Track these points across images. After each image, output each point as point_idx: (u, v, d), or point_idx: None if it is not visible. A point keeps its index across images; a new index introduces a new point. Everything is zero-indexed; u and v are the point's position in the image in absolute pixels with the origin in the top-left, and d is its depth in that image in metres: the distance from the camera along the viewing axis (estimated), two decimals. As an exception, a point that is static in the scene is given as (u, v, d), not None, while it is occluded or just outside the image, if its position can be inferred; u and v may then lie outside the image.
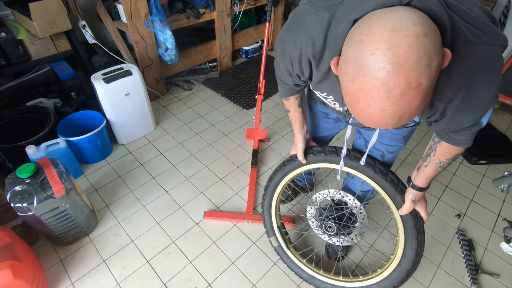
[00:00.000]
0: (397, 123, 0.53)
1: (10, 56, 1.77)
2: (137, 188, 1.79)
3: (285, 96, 1.08)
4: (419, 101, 0.50)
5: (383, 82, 0.48)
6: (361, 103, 0.52)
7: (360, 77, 0.50)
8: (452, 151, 0.85)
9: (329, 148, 1.14)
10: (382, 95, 0.49)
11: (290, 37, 0.76)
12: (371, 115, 0.53)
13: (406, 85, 0.47)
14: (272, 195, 1.35)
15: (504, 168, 2.01)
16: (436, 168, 0.91)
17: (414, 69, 0.47)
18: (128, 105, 1.92)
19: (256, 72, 2.89)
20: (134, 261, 1.46)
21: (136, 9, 1.98)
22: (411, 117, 0.53)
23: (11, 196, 1.22)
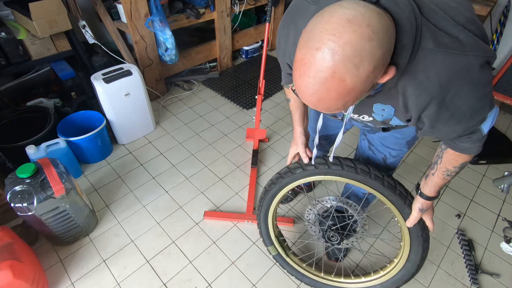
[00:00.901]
0: (317, 104, 0.58)
1: (10, 56, 1.77)
2: (137, 188, 1.79)
3: (286, 84, 1.04)
4: (337, 95, 0.54)
5: (316, 61, 0.51)
6: (297, 72, 0.56)
7: (304, 48, 0.54)
8: (459, 159, 0.82)
9: (334, 160, 1.05)
10: (310, 72, 0.53)
11: (282, 28, 0.79)
12: (299, 86, 0.57)
13: (331, 74, 0.51)
14: (268, 207, 1.26)
15: (504, 168, 2.01)
16: (443, 176, 0.88)
17: (343, 63, 0.50)
18: (128, 105, 1.92)
19: (256, 72, 2.89)
20: (134, 261, 1.46)
21: (136, 9, 1.98)
22: (329, 106, 0.57)
23: (11, 196, 1.22)
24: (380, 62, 0.52)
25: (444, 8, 0.60)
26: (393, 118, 0.78)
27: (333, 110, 0.58)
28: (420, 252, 1.06)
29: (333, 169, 1.04)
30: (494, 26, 2.54)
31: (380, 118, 0.79)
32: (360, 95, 0.56)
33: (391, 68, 0.56)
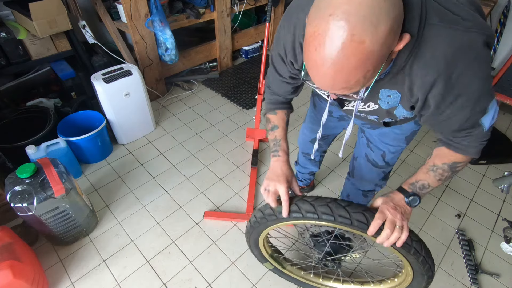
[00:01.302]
0: (335, 77, 0.53)
1: (10, 56, 1.77)
2: (137, 188, 1.79)
3: (274, 109, 0.97)
4: (357, 61, 0.50)
5: (331, 26, 0.49)
6: (310, 47, 0.53)
7: (316, 20, 0.51)
8: (451, 156, 0.77)
9: (323, 209, 0.84)
10: (327, 40, 0.50)
11: (284, 23, 0.77)
12: (315, 62, 0.54)
13: (349, 37, 0.48)
14: (256, 239, 1.12)
15: (504, 168, 2.01)
16: (426, 170, 0.80)
17: (360, 23, 0.48)
18: (128, 105, 1.92)
19: (256, 72, 2.89)
20: (134, 261, 1.46)
21: (136, 9, 1.98)
22: (348, 78, 0.53)
23: (11, 196, 1.22)
24: (395, 23, 0.51)
25: None
26: (398, 107, 0.77)
27: (353, 84, 0.55)
28: (424, 283, 0.96)
29: (324, 218, 0.85)
30: (494, 26, 2.54)
31: (386, 106, 0.78)
32: (379, 63, 0.54)
33: (405, 35, 0.54)
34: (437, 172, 0.79)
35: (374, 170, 1.17)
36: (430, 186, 0.80)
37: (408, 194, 0.81)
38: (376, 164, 1.15)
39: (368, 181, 1.22)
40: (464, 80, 0.62)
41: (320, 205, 0.85)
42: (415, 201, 0.80)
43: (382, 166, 1.15)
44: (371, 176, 1.20)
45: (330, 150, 2.09)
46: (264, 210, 0.96)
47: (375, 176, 1.19)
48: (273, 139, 0.96)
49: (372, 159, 1.15)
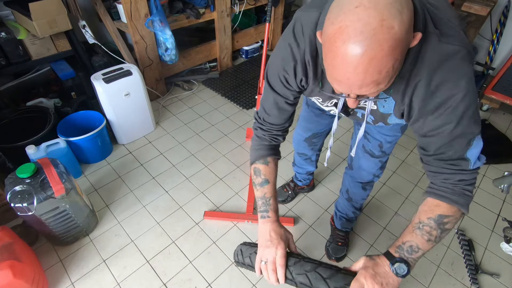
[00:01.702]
0: (368, 67, 0.52)
1: (10, 56, 1.77)
2: (137, 188, 1.79)
3: (265, 156, 0.91)
4: (389, 47, 0.51)
5: (359, 16, 0.50)
6: (337, 43, 0.52)
7: (340, 16, 0.52)
8: (436, 209, 0.71)
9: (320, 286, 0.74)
10: (357, 30, 0.50)
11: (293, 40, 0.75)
12: (345, 56, 0.52)
13: (379, 22, 0.49)
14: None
15: (504, 168, 2.01)
16: (412, 229, 0.73)
17: (388, 9, 0.49)
18: (128, 105, 1.92)
19: (256, 72, 2.89)
20: (134, 261, 1.46)
21: (136, 9, 1.98)
22: (381, 67, 0.52)
23: (11, 196, 1.22)
24: (412, 15, 0.53)
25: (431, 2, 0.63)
26: (391, 115, 0.78)
27: (383, 75, 0.54)
28: None
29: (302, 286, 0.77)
30: (494, 26, 2.54)
31: (382, 109, 0.79)
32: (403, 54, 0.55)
33: (417, 33, 0.56)
34: (424, 230, 0.71)
35: (371, 160, 1.18)
36: (420, 249, 0.71)
37: (394, 260, 0.70)
38: (373, 154, 1.16)
39: (367, 171, 1.24)
40: (445, 89, 0.63)
41: (298, 274, 0.76)
42: (402, 269, 0.69)
43: (379, 156, 1.16)
44: (369, 166, 1.22)
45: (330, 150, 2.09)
46: (245, 257, 0.88)
47: (373, 166, 1.21)
48: (262, 197, 0.89)
49: (369, 149, 1.16)
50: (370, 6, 0.49)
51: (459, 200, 0.70)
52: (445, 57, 0.61)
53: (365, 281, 0.68)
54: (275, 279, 0.77)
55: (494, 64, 2.67)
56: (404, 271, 0.69)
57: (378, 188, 1.86)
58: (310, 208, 1.73)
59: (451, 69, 0.62)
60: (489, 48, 2.59)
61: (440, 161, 0.72)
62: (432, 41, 0.61)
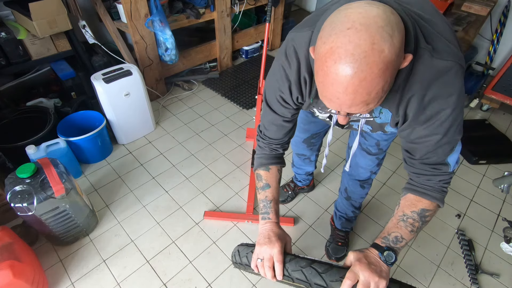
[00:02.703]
0: (357, 89, 0.53)
1: (10, 56, 1.77)
2: (137, 188, 1.79)
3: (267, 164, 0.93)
4: (379, 70, 0.52)
5: (351, 38, 0.51)
6: (328, 63, 0.54)
7: (331, 36, 0.53)
8: (418, 203, 0.77)
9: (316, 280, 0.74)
10: (348, 51, 0.51)
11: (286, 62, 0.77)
12: (335, 76, 0.53)
13: (370, 45, 0.50)
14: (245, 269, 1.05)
15: (504, 168, 2.01)
16: (396, 221, 0.76)
17: (379, 33, 0.51)
18: (128, 105, 1.92)
19: (256, 72, 2.89)
20: (134, 261, 1.46)
21: (136, 9, 1.98)
22: (371, 89, 0.54)
23: (11, 196, 1.22)
24: (403, 37, 0.55)
25: (422, 16, 0.65)
26: (388, 125, 0.81)
27: (373, 96, 0.55)
28: None
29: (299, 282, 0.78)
30: (494, 26, 2.54)
31: (378, 120, 0.82)
32: (393, 77, 0.56)
33: (408, 55, 0.57)
34: (408, 222, 0.76)
35: (368, 157, 1.20)
36: (403, 239, 0.74)
37: (383, 250, 0.73)
38: (370, 152, 1.17)
39: (364, 168, 1.25)
40: (435, 105, 0.66)
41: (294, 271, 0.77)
42: (391, 257, 0.72)
43: (376, 153, 1.17)
44: (366, 164, 1.23)
45: (330, 150, 2.09)
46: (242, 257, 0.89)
47: (370, 163, 1.22)
48: (264, 200, 0.91)
49: (366, 147, 1.17)
50: (362, 29, 0.51)
51: (438, 196, 0.77)
52: (437, 73, 0.63)
53: (360, 271, 0.69)
54: (272, 275, 0.79)
55: (494, 64, 2.68)
56: (392, 258, 0.72)
57: (378, 188, 1.86)
58: (310, 208, 1.74)
59: (443, 85, 0.64)
60: (489, 48, 2.59)
61: (425, 165, 0.77)
62: (424, 58, 0.62)
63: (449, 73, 0.64)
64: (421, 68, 0.63)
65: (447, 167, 0.75)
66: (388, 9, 0.54)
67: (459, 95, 0.66)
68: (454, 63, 0.63)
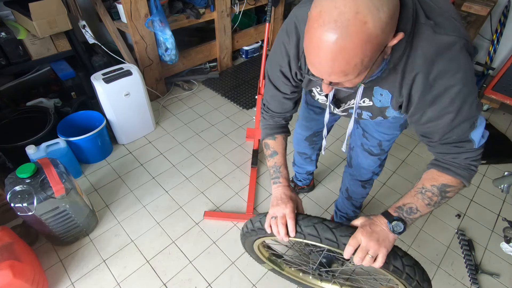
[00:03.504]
0: (336, 56, 0.54)
1: (10, 56, 1.77)
2: (137, 188, 1.79)
3: (272, 134, 0.97)
4: (359, 41, 0.52)
5: (337, 4, 0.51)
6: (314, 24, 0.54)
7: (319, 3, 0.54)
8: (440, 178, 0.74)
9: (327, 235, 0.80)
10: (332, 17, 0.51)
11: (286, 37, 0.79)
12: (318, 39, 0.54)
13: (353, 14, 0.50)
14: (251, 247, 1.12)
15: (504, 168, 2.01)
16: (415, 193, 0.76)
17: (365, 3, 0.50)
18: (128, 105, 1.92)
19: (256, 72, 2.89)
20: (134, 261, 1.46)
21: (136, 9, 1.98)
22: (349, 59, 0.54)
23: (11, 196, 1.22)
24: (394, 13, 0.54)
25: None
26: (389, 108, 0.79)
27: (351, 67, 0.56)
28: None
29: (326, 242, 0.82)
30: (494, 26, 2.54)
31: (378, 104, 0.80)
32: (376, 52, 0.55)
33: (399, 33, 0.57)
34: (426, 195, 0.75)
35: (370, 158, 1.19)
36: (418, 211, 0.75)
37: (392, 219, 0.74)
38: (372, 152, 1.17)
39: (366, 169, 1.24)
40: (442, 82, 0.64)
41: (306, 226, 0.82)
42: (399, 227, 0.73)
43: (378, 154, 1.17)
44: (368, 164, 1.22)
45: (330, 150, 2.09)
46: (254, 223, 0.95)
47: (372, 164, 1.22)
48: (273, 166, 0.95)
49: (368, 148, 1.17)
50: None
51: (464, 173, 0.73)
52: (441, 49, 0.62)
53: (362, 238, 0.73)
54: (285, 233, 0.82)
55: (494, 64, 2.67)
56: (400, 228, 0.73)
57: (378, 188, 1.86)
58: (310, 208, 1.73)
59: (448, 61, 0.62)
60: (489, 48, 2.58)
61: (446, 144, 0.73)
62: (425, 33, 0.61)
63: (453, 48, 0.62)
64: (423, 44, 0.62)
65: (471, 144, 0.70)
66: None
67: (467, 71, 0.63)
68: (458, 38, 0.61)
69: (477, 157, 0.72)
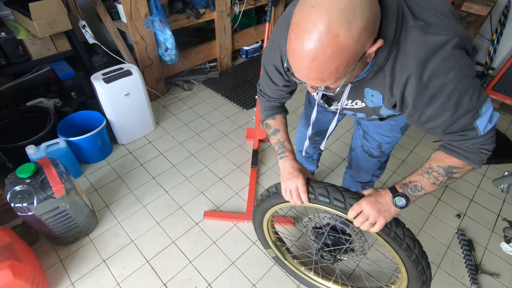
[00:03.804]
0: (310, 65, 0.57)
1: (10, 56, 1.77)
2: (137, 188, 1.79)
3: (272, 115, 1.01)
4: (331, 53, 0.54)
5: (311, 17, 0.54)
6: (291, 35, 0.58)
7: (299, 11, 0.56)
8: (447, 160, 0.76)
9: (336, 195, 0.89)
10: (306, 29, 0.54)
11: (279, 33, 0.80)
12: (294, 49, 0.58)
13: (326, 28, 0.53)
14: (261, 219, 1.19)
15: (504, 168, 2.01)
16: (422, 172, 0.79)
17: (337, 18, 0.52)
18: (128, 105, 1.92)
19: (256, 72, 2.89)
20: (134, 261, 1.46)
21: (136, 9, 1.98)
22: (323, 68, 0.57)
23: (11, 196, 1.22)
24: (370, 23, 0.55)
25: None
26: (382, 107, 0.80)
27: (326, 76, 0.58)
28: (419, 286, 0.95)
29: (320, 200, 0.90)
30: (494, 26, 2.54)
31: (371, 104, 0.81)
32: (352, 60, 0.57)
33: (379, 40, 0.58)
34: (432, 174, 0.78)
35: (370, 160, 1.19)
36: (423, 189, 0.79)
37: (396, 194, 0.80)
38: (372, 154, 1.17)
39: (366, 171, 1.24)
40: (437, 81, 0.64)
41: (318, 187, 0.91)
42: (401, 201, 0.78)
43: (378, 156, 1.17)
44: (367, 166, 1.22)
45: (330, 150, 2.09)
46: (270, 189, 1.04)
47: (372, 166, 1.21)
48: (277, 142, 0.99)
49: (368, 149, 1.17)
50: (323, 10, 0.52)
51: (472, 157, 0.73)
52: (433, 49, 0.61)
53: (365, 205, 0.80)
54: (301, 202, 0.92)
55: (494, 64, 2.67)
56: (403, 203, 0.79)
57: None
58: (310, 207, 1.73)
59: (441, 60, 0.62)
60: (489, 48, 2.58)
61: (450, 134, 0.74)
62: (414, 36, 0.62)
63: (446, 47, 0.61)
64: (413, 47, 0.62)
65: (475, 132, 0.70)
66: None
67: (462, 67, 0.63)
68: (450, 36, 0.61)
69: (487, 141, 0.71)
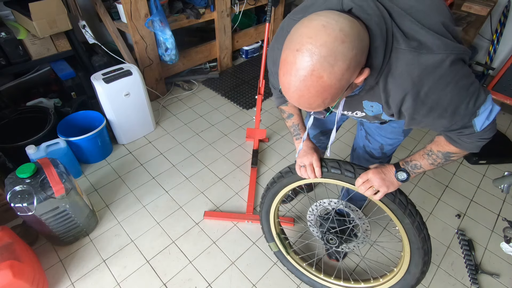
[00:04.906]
0: (298, 100, 0.63)
1: (10, 56, 1.77)
2: (137, 188, 1.79)
3: (285, 101, 1.05)
4: (316, 92, 0.59)
5: (296, 61, 0.58)
6: (281, 71, 0.63)
7: (287, 50, 0.61)
8: (446, 146, 0.82)
9: (333, 164, 1.01)
10: (292, 71, 0.59)
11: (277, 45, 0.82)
12: (283, 84, 0.63)
13: (309, 72, 0.57)
14: (270, 205, 1.27)
15: (504, 168, 2.01)
16: (423, 153, 0.87)
17: (320, 63, 0.56)
18: (128, 105, 1.92)
19: (256, 72, 2.89)
20: (134, 261, 1.46)
21: (136, 9, 1.98)
22: (310, 102, 0.62)
23: (11, 196, 1.22)
24: (353, 62, 0.58)
25: (411, 12, 0.65)
26: (383, 114, 0.82)
27: (314, 106, 0.63)
28: (420, 265, 1.02)
29: (332, 172, 1.00)
30: (494, 26, 2.54)
31: (371, 113, 0.83)
32: (337, 93, 0.61)
33: (365, 70, 0.61)
34: (432, 157, 0.86)
35: (371, 161, 1.20)
36: (422, 168, 0.88)
37: (399, 169, 0.89)
38: (373, 155, 1.17)
39: None
40: (433, 96, 0.67)
41: (331, 161, 1.02)
42: (402, 175, 0.89)
43: (379, 157, 1.17)
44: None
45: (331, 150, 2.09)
46: (283, 170, 1.14)
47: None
48: (292, 125, 1.09)
49: (369, 150, 1.17)
50: (306, 55, 0.56)
51: (470, 147, 0.78)
52: (428, 68, 0.64)
53: (371, 174, 0.91)
54: (314, 176, 1.02)
55: (494, 64, 2.67)
56: (404, 177, 0.89)
57: (378, 188, 1.86)
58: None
59: (437, 78, 0.65)
60: (489, 48, 2.59)
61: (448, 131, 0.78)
62: (407, 58, 0.64)
63: (442, 66, 0.63)
64: (407, 69, 0.64)
65: (471, 129, 0.73)
66: (345, 27, 0.56)
67: (458, 81, 0.65)
68: (446, 55, 0.63)
69: (484, 133, 0.74)
